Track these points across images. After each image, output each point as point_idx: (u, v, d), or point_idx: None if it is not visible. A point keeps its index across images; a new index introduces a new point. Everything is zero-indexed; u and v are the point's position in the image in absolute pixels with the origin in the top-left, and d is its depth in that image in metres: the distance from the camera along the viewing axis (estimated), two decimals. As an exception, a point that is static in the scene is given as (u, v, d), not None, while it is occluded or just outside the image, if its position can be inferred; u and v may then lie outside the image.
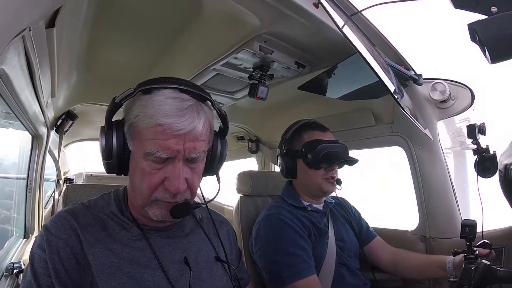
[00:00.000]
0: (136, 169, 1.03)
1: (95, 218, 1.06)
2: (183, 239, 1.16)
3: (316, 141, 1.82)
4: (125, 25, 1.53)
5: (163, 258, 1.07)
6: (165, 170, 1.00)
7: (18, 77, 1.22)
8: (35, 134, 2.21)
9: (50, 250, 0.95)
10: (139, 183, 1.03)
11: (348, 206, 2.15)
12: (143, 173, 1.01)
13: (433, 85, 1.95)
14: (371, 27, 1.67)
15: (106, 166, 1.07)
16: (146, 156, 0.98)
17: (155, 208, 1.04)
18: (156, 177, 1.00)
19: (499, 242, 1.73)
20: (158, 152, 0.97)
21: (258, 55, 1.73)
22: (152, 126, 0.97)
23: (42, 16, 1.02)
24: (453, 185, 2.04)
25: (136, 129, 1.01)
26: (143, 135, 0.99)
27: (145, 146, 0.98)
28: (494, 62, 0.78)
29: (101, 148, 1.04)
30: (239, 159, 4.08)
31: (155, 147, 0.97)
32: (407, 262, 1.94)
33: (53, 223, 1.01)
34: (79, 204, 1.11)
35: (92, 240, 1.00)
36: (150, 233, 1.10)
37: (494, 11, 0.75)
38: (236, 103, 2.63)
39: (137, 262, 1.03)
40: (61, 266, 0.95)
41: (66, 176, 4.26)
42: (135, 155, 1.03)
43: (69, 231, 0.99)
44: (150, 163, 0.99)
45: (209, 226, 1.29)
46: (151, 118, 0.96)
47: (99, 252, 0.99)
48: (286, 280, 1.62)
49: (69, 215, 1.03)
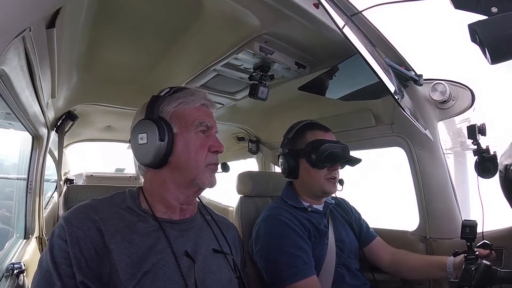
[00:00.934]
0: (186, 145, 1.20)
1: (113, 212, 1.14)
2: (194, 233, 1.26)
3: (320, 141, 1.82)
4: (125, 25, 1.53)
5: (176, 248, 1.15)
6: (208, 139, 1.24)
7: (19, 77, 1.22)
8: (36, 135, 2.21)
9: (71, 240, 1.02)
10: (193, 155, 1.20)
11: (348, 207, 2.15)
12: (194, 145, 1.21)
13: (433, 86, 1.95)
14: (372, 28, 1.67)
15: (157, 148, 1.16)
16: (196, 127, 1.21)
17: (207, 174, 1.22)
18: (205, 144, 1.22)
19: (499, 242, 1.73)
20: (205, 122, 1.23)
21: (258, 55, 1.73)
22: (198, 105, 1.25)
23: (42, 17, 1.03)
24: (453, 185, 2.03)
25: (180, 113, 1.22)
26: (190, 114, 1.23)
27: (195, 120, 1.21)
28: (494, 63, 0.78)
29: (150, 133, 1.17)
30: (239, 160, 4.08)
31: (203, 118, 1.23)
32: (407, 263, 1.93)
33: (73, 215, 1.09)
34: (95, 200, 1.19)
35: (112, 231, 1.08)
36: (165, 225, 1.18)
37: (495, 11, 0.75)
38: (237, 103, 2.63)
39: (154, 249, 1.11)
40: (82, 256, 1.01)
41: (66, 177, 4.27)
42: (183, 134, 1.21)
43: (89, 223, 1.07)
44: (199, 134, 1.22)
45: (217, 228, 1.37)
46: (195, 101, 1.24)
47: (120, 242, 1.06)
48: (286, 280, 1.62)
49: (88, 208, 1.12)
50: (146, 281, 1.04)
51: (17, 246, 2.09)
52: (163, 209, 1.21)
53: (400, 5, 1.00)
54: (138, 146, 1.19)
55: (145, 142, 1.17)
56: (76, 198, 1.99)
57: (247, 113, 3.01)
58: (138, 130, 1.20)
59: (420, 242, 2.12)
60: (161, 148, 1.15)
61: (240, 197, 2.18)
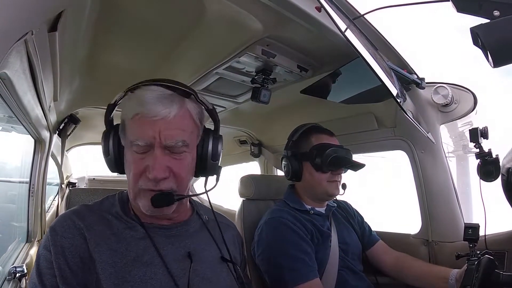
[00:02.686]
0: (126, 162, 1.10)
1: (100, 218, 1.09)
2: (187, 239, 1.17)
3: (325, 145, 1.82)
4: (127, 29, 1.54)
5: (166, 256, 1.08)
6: (147, 159, 1.04)
7: (21, 81, 1.23)
8: (38, 138, 2.21)
9: (55, 250, 0.98)
10: (128, 174, 1.09)
11: (350, 210, 2.15)
12: (129, 164, 1.07)
13: (435, 89, 1.95)
14: (374, 31, 1.67)
15: (106, 162, 1.14)
16: (131, 146, 1.05)
17: (142, 199, 1.07)
18: (139, 165, 1.04)
19: (502, 246, 1.72)
20: (137, 140, 1.03)
21: (260, 59, 1.73)
22: (132, 115, 1.04)
23: (44, 20, 1.03)
24: (455, 188, 2.03)
25: (123, 124, 1.09)
26: (128, 126, 1.07)
27: (128, 137, 1.06)
28: (496, 66, 0.77)
29: (104, 145, 1.12)
30: (241, 163, 4.08)
31: (135, 136, 1.03)
32: (410, 269, 1.92)
33: (58, 223, 1.04)
34: (84, 205, 1.15)
35: (97, 239, 1.03)
36: (154, 232, 1.12)
37: (497, 15, 0.75)
38: (239, 107, 2.63)
39: (141, 260, 1.04)
40: (66, 266, 0.97)
41: (68, 180, 4.27)
42: (126, 149, 1.10)
43: (74, 231, 1.02)
44: (133, 153, 1.05)
45: (215, 228, 1.28)
46: (131, 109, 1.05)
47: (104, 251, 1.01)
48: (289, 283, 1.61)
49: (74, 215, 1.06)
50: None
51: (20, 249, 2.09)
52: (147, 216, 1.12)
53: (402, 8, 1.00)
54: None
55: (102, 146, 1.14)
56: (78, 201, 1.98)
57: (249, 116, 3.00)
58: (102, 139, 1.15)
59: (422, 245, 2.11)
60: (109, 161, 1.13)
61: (243, 200, 2.17)
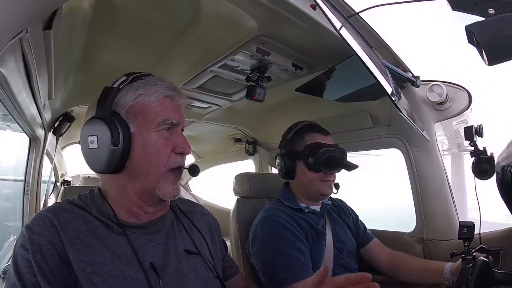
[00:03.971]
0: (145, 148, 1.07)
1: (76, 215, 1.05)
2: (164, 234, 1.16)
3: (318, 144, 1.82)
4: (122, 27, 1.53)
5: (145, 255, 1.07)
6: (173, 138, 1.11)
7: (16, 79, 1.22)
8: (33, 136, 2.20)
9: (32, 248, 0.94)
10: (153, 159, 1.08)
11: (345, 208, 2.15)
12: (155, 146, 1.07)
13: (430, 87, 1.95)
14: (369, 29, 1.67)
15: (110, 155, 1.03)
16: (159, 126, 1.07)
17: (166, 182, 1.10)
18: (168, 145, 1.10)
19: (497, 244, 1.73)
20: (170, 119, 1.08)
21: (255, 57, 1.73)
22: (160, 98, 1.09)
23: (39, 18, 1.02)
24: (450, 187, 2.03)
25: (139, 108, 1.08)
26: (151, 109, 1.08)
27: (156, 117, 1.07)
28: (491, 64, 0.78)
29: (101, 136, 1.02)
30: (236, 161, 4.07)
31: (167, 115, 1.08)
32: (404, 265, 1.93)
33: (35, 221, 1.00)
34: (59, 203, 1.11)
35: (72, 237, 0.99)
36: (131, 230, 1.09)
37: (492, 13, 0.75)
38: (234, 105, 2.62)
39: (119, 258, 1.02)
40: (45, 264, 0.94)
41: (63, 178, 4.26)
42: (142, 134, 1.07)
43: (51, 228, 0.99)
44: (162, 133, 1.09)
45: (186, 220, 1.28)
46: (157, 92, 1.09)
47: (80, 250, 0.98)
48: (284, 282, 1.61)
49: (49, 213, 1.02)
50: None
51: (14, 248, 2.08)
52: (126, 214, 1.11)
53: (398, 6, 1.00)
54: (89, 151, 1.05)
55: (96, 147, 1.03)
56: None
57: (244, 115, 3.00)
58: (88, 131, 1.05)
59: (417, 243, 2.12)
60: (114, 154, 1.02)
61: (237, 198, 2.18)
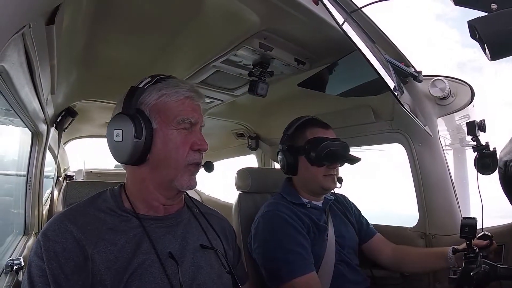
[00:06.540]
0: (166, 142, 1.14)
1: (93, 217, 1.09)
2: (181, 228, 1.22)
3: (319, 138, 1.81)
4: (124, 22, 1.53)
5: (164, 246, 1.12)
6: (191, 136, 1.17)
7: (18, 74, 1.22)
8: (35, 131, 2.21)
9: (48, 256, 0.97)
10: (172, 154, 1.14)
11: (347, 203, 2.15)
12: (175, 142, 1.14)
13: (433, 82, 1.95)
14: (371, 24, 1.66)
15: (133, 147, 1.10)
16: (179, 124, 1.14)
17: (185, 175, 1.16)
18: (187, 140, 1.16)
19: (499, 239, 1.72)
20: (189, 118, 1.16)
21: (257, 52, 1.73)
22: (181, 98, 1.16)
23: (42, 13, 1.02)
24: (453, 182, 2.04)
25: (161, 107, 1.15)
26: (172, 108, 1.15)
27: (177, 116, 1.14)
28: (494, 59, 0.78)
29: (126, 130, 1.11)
30: (239, 156, 4.08)
31: (186, 114, 1.15)
32: (408, 257, 1.94)
33: (50, 228, 1.03)
34: (74, 206, 1.14)
35: (94, 239, 1.03)
36: (149, 223, 1.15)
37: (494, 8, 0.75)
38: (236, 100, 2.63)
39: (139, 249, 1.08)
40: (60, 271, 0.96)
41: (66, 173, 4.27)
42: (163, 130, 1.14)
43: (66, 235, 1.01)
44: (181, 131, 1.15)
45: (205, 221, 1.33)
46: (178, 93, 1.16)
47: (103, 251, 1.02)
48: (285, 277, 1.61)
49: (65, 219, 1.05)
50: (133, 283, 1.01)
51: (17, 242, 2.09)
52: (145, 208, 1.17)
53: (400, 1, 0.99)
54: (114, 143, 1.14)
55: (121, 140, 1.11)
56: (76, 195, 1.98)
57: (246, 110, 3.01)
58: (114, 125, 1.14)
59: (420, 238, 2.12)
60: (137, 146, 1.10)
61: (239, 193, 2.18)
